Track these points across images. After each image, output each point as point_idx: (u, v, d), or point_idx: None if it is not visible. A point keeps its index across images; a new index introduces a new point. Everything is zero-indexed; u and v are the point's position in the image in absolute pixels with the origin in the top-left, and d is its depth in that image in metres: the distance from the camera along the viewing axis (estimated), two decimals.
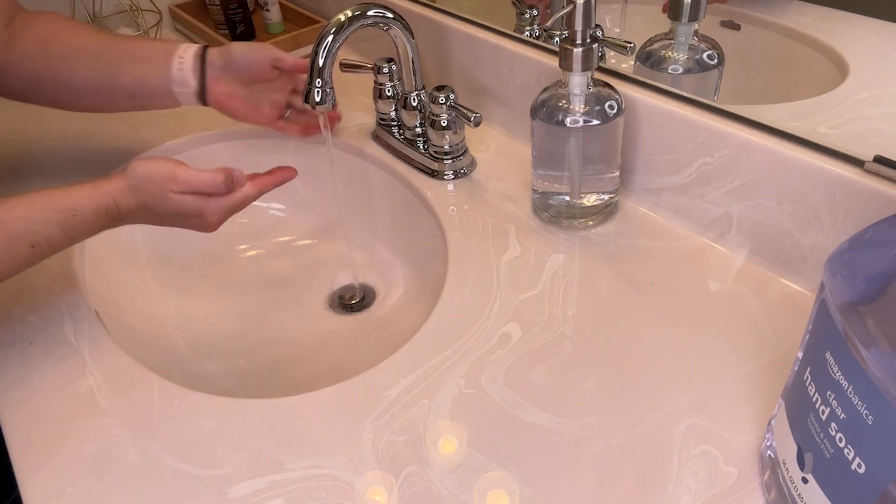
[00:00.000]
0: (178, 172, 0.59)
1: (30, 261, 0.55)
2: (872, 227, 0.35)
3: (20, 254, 0.54)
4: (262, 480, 0.48)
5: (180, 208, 0.60)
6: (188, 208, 0.60)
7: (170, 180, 0.58)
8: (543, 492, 0.46)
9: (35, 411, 0.55)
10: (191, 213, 0.60)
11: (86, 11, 1.10)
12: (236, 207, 0.64)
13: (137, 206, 0.58)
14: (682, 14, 0.61)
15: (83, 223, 0.56)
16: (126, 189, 0.58)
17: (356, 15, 0.65)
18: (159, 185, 0.58)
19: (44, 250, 0.55)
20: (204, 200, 0.61)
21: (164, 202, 0.59)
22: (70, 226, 0.56)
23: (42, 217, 0.54)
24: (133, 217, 0.60)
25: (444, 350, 0.56)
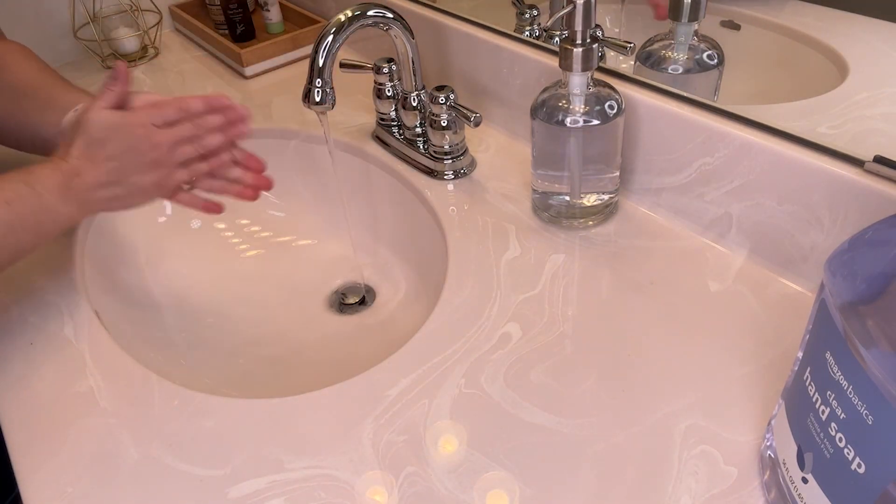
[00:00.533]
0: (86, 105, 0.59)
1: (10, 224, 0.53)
2: (872, 227, 0.35)
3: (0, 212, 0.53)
4: (262, 480, 0.48)
5: (100, 121, 0.57)
6: (107, 120, 0.57)
7: (81, 110, 0.58)
8: (543, 492, 0.46)
9: (35, 411, 0.55)
10: (112, 123, 0.57)
11: (86, 11, 1.10)
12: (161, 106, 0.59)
13: (79, 144, 0.57)
14: (682, 14, 0.61)
15: (42, 176, 0.55)
16: (62, 143, 0.58)
17: (356, 15, 0.65)
18: (77, 119, 0.58)
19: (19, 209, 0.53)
20: (122, 112, 0.58)
21: (85, 125, 0.57)
22: (31, 179, 0.55)
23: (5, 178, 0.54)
24: (80, 160, 0.57)
25: (444, 350, 0.56)
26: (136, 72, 1.09)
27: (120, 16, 1.13)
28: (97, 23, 1.11)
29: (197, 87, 1.03)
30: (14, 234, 0.54)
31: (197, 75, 1.07)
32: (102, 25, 1.12)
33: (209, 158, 0.62)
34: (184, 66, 1.10)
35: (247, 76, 1.03)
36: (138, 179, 0.58)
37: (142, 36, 1.12)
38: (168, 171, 0.59)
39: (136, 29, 1.12)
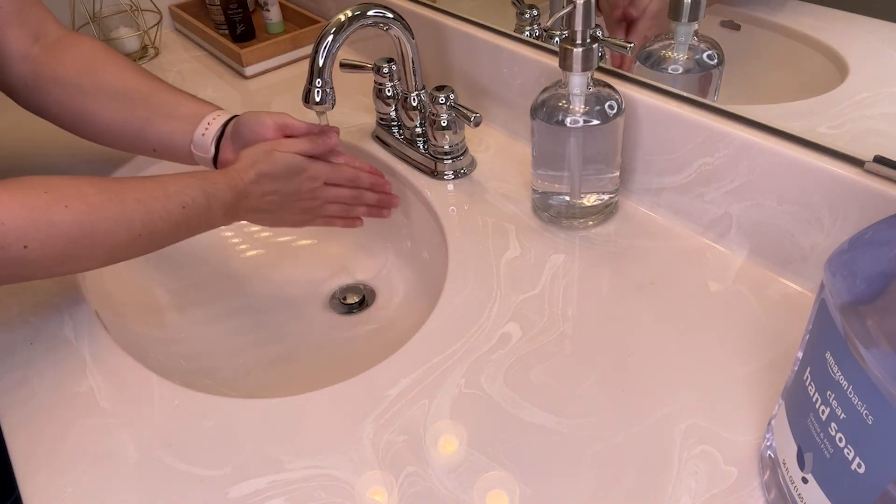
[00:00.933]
0: (280, 141, 0.66)
1: (179, 226, 0.58)
2: (872, 227, 0.35)
3: (174, 213, 0.57)
4: (262, 480, 0.48)
5: (287, 164, 0.64)
6: (293, 165, 0.65)
7: (275, 145, 0.65)
8: (543, 492, 0.46)
9: (35, 411, 0.55)
10: (295, 169, 0.65)
11: (86, 11, 1.10)
12: (338, 175, 0.68)
13: (258, 172, 0.63)
14: (682, 14, 0.61)
15: (220, 191, 0.61)
16: (244, 163, 0.64)
17: (356, 15, 0.65)
18: (267, 150, 0.65)
19: (190, 214, 0.59)
20: (307, 160, 0.66)
21: (273, 160, 0.64)
22: (211, 192, 0.60)
23: (189, 180, 0.60)
24: (253, 189, 0.63)
25: (444, 350, 0.56)
26: None
27: (120, 16, 1.13)
28: (97, 23, 1.11)
29: (197, 87, 1.03)
30: (178, 231, 0.59)
31: (197, 75, 1.07)
32: (102, 25, 1.12)
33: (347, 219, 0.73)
34: (184, 65, 1.10)
35: (247, 76, 1.03)
36: (286, 217, 0.67)
37: (142, 36, 1.12)
38: (310, 218, 0.69)
39: (136, 29, 1.12)
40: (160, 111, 0.69)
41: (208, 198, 0.60)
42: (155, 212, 0.57)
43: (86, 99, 0.69)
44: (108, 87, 0.70)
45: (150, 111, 0.69)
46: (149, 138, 0.70)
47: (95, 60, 0.71)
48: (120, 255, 0.57)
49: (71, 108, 0.70)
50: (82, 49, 0.71)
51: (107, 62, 0.71)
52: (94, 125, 0.70)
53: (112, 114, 0.69)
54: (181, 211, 0.58)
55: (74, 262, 0.55)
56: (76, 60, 0.70)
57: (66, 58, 0.70)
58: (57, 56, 0.70)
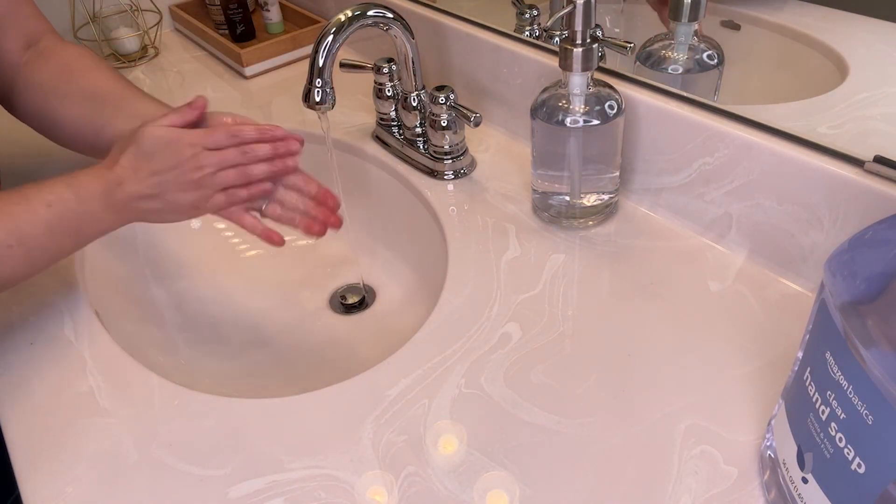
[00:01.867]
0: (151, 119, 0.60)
1: (51, 226, 0.55)
2: (872, 227, 0.35)
3: (39, 213, 0.54)
4: (262, 480, 0.48)
5: (155, 135, 0.58)
6: (162, 135, 0.58)
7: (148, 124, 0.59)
8: (543, 492, 0.46)
9: (35, 411, 0.55)
10: (166, 139, 0.58)
11: (86, 11, 1.10)
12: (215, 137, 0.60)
13: (128, 155, 0.58)
14: (682, 14, 0.61)
15: (86, 181, 0.57)
16: (112, 152, 0.59)
17: (356, 15, 0.65)
18: (134, 128, 0.59)
19: (60, 212, 0.55)
20: (177, 130, 0.59)
21: (140, 136, 0.58)
22: (75, 184, 0.56)
23: (48, 182, 0.56)
24: (125, 170, 0.58)
25: (444, 350, 0.56)
26: (136, 72, 1.09)
27: (120, 16, 1.13)
28: (97, 23, 1.11)
29: (197, 87, 1.03)
30: (54, 236, 0.55)
31: (197, 75, 1.07)
32: (102, 25, 1.12)
33: (251, 186, 0.63)
34: (184, 66, 1.10)
35: (247, 76, 1.03)
36: (177, 197, 0.59)
37: (142, 36, 1.12)
38: (207, 194, 0.60)
39: (136, 29, 1.12)
40: (123, 112, 0.68)
41: (75, 191, 0.56)
42: (18, 216, 0.53)
43: (59, 101, 0.69)
44: (81, 89, 0.69)
45: (113, 112, 0.68)
46: (105, 137, 0.68)
47: (75, 65, 0.71)
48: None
49: (45, 111, 0.70)
50: (66, 55, 0.71)
51: (86, 67, 0.71)
52: (62, 126, 0.70)
53: (78, 114, 0.69)
54: (47, 210, 0.54)
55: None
56: (57, 66, 0.70)
57: (49, 64, 0.70)
58: (41, 63, 0.70)
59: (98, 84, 0.70)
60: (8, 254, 0.53)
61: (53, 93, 0.69)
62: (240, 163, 0.61)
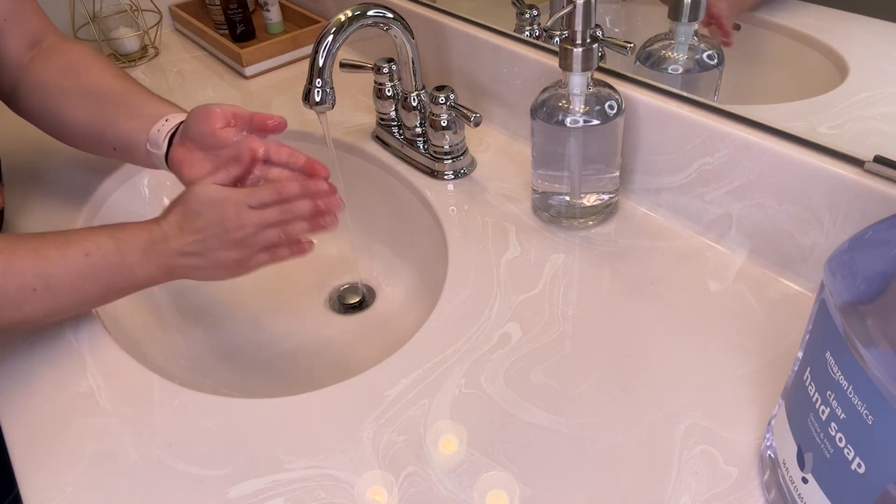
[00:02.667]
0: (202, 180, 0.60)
1: (84, 276, 0.54)
2: (872, 227, 0.35)
3: (74, 261, 0.53)
4: (262, 480, 0.48)
5: (202, 195, 0.58)
6: (210, 194, 0.58)
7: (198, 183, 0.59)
8: (543, 492, 0.46)
9: (35, 411, 0.55)
10: (212, 197, 0.58)
11: (86, 11, 1.10)
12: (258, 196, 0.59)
13: (176, 212, 0.59)
14: (682, 14, 0.61)
15: (130, 234, 0.56)
16: (167, 208, 0.60)
17: (356, 15, 0.65)
18: (189, 187, 0.59)
19: (97, 262, 0.54)
20: (224, 188, 0.59)
21: (188, 194, 0.59)
22: (118, 235, 0.56)
23: (94, 231, 0.56)
24: (171, 226, 0.58)
25: (444, 350, 0.56)
26: (136, 72, 1.09)
27: (120, 16, 1.13)
28: (97, 23, 1.11)
29: (197, 87, 1.03)
30: (84, 286, 0.54)
31: (197, 75, 1.07)
32: (102, 25, 1.12)
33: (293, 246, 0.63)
34: (184, 65, 1.10)
35: (247, 76, 1.03)
36: (220, 255, 0.59)
37: (142, 36, 1.12)
38: (250, 253, 0.60)
39: (136, 29, 1.12)
40: (126, 111, 0.68)
41: (117, 243, 0.55)
42: (51, 260, 0.52)
43: (63, 100, 0.69)
44: (85, 88, 0.69)
45: (117, 110, 0.68)
46: (109, 137, 0.68)
47: (79, 64, 0.71)
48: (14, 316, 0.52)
49: (49, 110, 0.70)
50: (70, 54, 0.72)
51: (90, 65, 0.71)
52: (67, 125, 0.70)
53: (83, 113, 0.69)
54: (84, 259, 0.54)
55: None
56: (60, 64, 0.71)
57: (52, 62, 0.71)
58: (44, 61, 0.71)
59: (102, 82, 0.70)
60: (31, 296, 0.52)
61: (57, 91, 0.69)
62: (282, 220, 0.60)
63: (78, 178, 0.82)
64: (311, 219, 0.62)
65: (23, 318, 0.53)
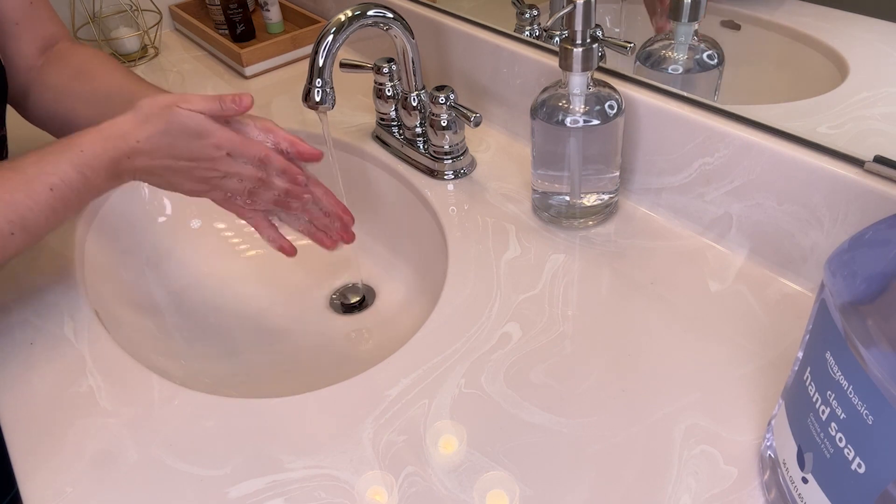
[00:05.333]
0: (183, 96, 0.58)
1: (54, 209, 0.54)
2: (872, 227, 0.35)
3: (42, 198, 0.53)
4: (262, 480, 0.48)
5: (187, 123, 0.57)
6: (194, 125, 0.57)
7: (176, 99, 0.58)
8: (543, 492, 0.46)
9: (35, 411, 0.55)
10: (197, 131, 0.57)
11: (86, 11, 1.10)
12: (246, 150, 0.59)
13: (150, 130, 0.56)
14: (682, 14, 0.61)
15: (93, 157, 0.55)
16: (132, 118, 0.57)
17: (356, 15, 0.65)
18: (166, 104, 0.57)
19: (64, 193, 0.54)
20: (212, 123, 0.58)
21: (170, 116, 0.57)
22: (81, 162, 0.54)
23: (51, 157, 0.54)
24: (143, 147, 0.56)
25: (444, 350, 0.56)
26: (136, 72, 1.09)
27: (120, 16, 1.13)
28: (97, 23, 1.11)
29: (197, 87, 1.03)
30: (56, 216, 0.54)
31: (197, 75, 1.07)
32: (102, 25, 1.12)
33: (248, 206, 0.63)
34: (184, 65, 1.10)
35: (247, 76, 1.03)
36: (179, 182, 0.59)
37: (142, 36, 1.12)
38: (207, 188, 0.60)
39: (136, 29, 1.12)
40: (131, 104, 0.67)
41: (80, 170, 0.54)
42: (20, 204, 0.52)
43: (75, 103, 0.69)
44: (98, 91, 0.69)
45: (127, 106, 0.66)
46: None
47: (90, 67, 0.71)
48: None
49: (59, 112, 0.70)
50: (79, 57, 0.72)
51: (101, 68, 0.71)
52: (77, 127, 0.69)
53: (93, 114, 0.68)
54: (50, 194, 0.53)
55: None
56: (72, 68, 0.71)
57: (64, 66, 0.71)
58: (56, 65, 0.71)
59: (112, 83, 0.70)
60: (11, 241, 0.53)
61: (68, 93, 0.70)
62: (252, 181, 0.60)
63: None
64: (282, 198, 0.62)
65: (4, 259, 0.54)
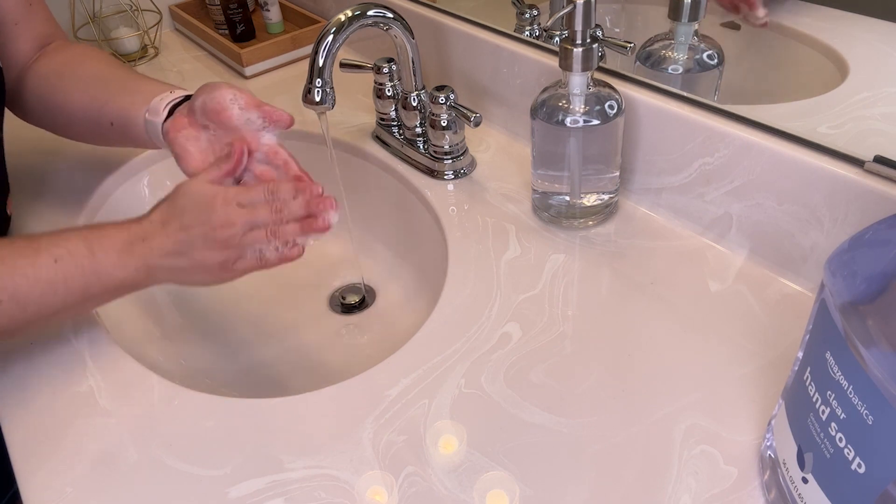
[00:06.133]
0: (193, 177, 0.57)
1: (53, 284, 0.51)
2: (872, 227, 0.35)
3: (43, 270, 0.50)
4: (262, 480, 0.48)
5: (191, 190, 0.55)
6: (198, 191, 0.55)
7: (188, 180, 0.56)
8: (543, 492, 0.46)
9: (35, 411, 0.55)
10: (201, 193, 0.55)
11: (86, 11, 1.10)
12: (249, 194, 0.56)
13: (160, 209, 0.56)
14: (682, 14, 0.61)
15: (106, 237, 0.53)
16: (153, 207, 0.57)
17: (356, 15, 0.65)
18: (178, 185, 0.56)
19: (68, 269, 0.51)
20: (215, 186, 0.56)
21: (175, 190, 0.56)
22: (93, 238, 0.52)
23: (67, 234, 0.53)
24: (154, 220, 0.55)
25: (444, 350, 0.56)
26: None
27: (120, 16, 1.13)
28: (97, 23, 1.11)
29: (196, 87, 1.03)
30: (55, 294, 0.51)
31: (197, 75, 1.07)
32: (102, 25, 1.12)
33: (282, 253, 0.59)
34: (184, 65, 1.10)
35: (247, 76, 1.03)
36: (204, 256, 0.55)
37: (142, 36, 1.12)
38: (236, 255, 0.55)
39: (136, 29, 1.12)
40: (127, 87, 0.67)
41: (89, 245, 0.52)
42: (18, 269, 0.49)
43: (63, 86, 0.69)
44: (85, 75, 0.70)
45: (117, 88, 0.67)
46: (108, 112, 0.67)
47: (81, 57, 0.72)
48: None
49: (48, 98, 0.70)
50: (73, 50, 0.73)
51: (91, 58, 0.72)
52: (65, 110, 0.69)
53: (82, 96, 0.68)
54: (53, 266, 0.50)
55: None
56: (62, 58, 0.71)
57: (55, 57, 0.71)
58: (47, 57, 0.72)
59: (101, 69, 0.70)
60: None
61: (57, 79, 0.70)
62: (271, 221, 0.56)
63: (77, 178, 0.82)
64: (303, 221, 0.58)
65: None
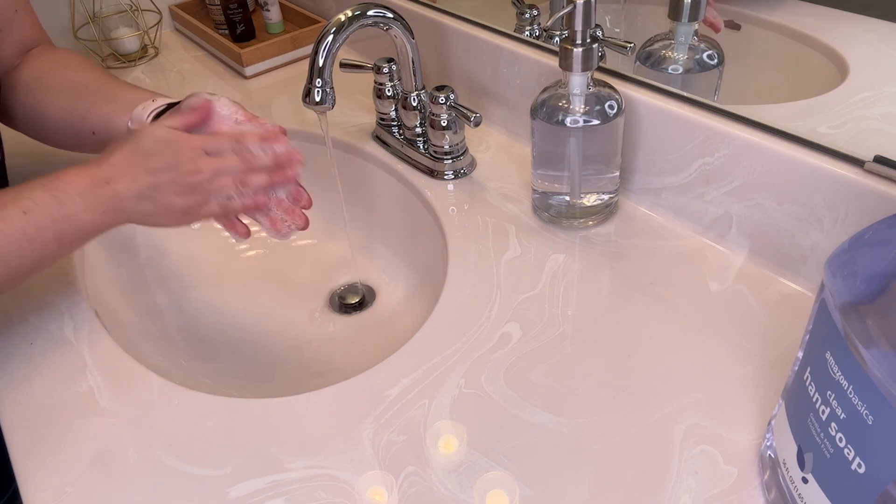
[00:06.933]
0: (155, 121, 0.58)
1: (28, 235, 0.51)
2: (872, 227, 0.35)
3: (15, 222, 0.51)
4: (262, 480, 0.48)
5: (156, 135, 0.56)
6: (163, 136, 0.56)
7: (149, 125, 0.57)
8: (543, 492, 0.46)
9: (35, 411, 0.55)
10: (167, 138, 0.56)
11: (86, 11, 1.10)
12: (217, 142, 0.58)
13: (123, 152, 0.56)
14: (682, 14, 0.61)
15: (66, 182, 0.53)
16: (106, 150, 0.57)
17: (356, 15, 0.65)
18: (139, 129, 0.57)
19: (38, 218, 0.51)
20: (178, 132, 0.57)
21: (137, 134, 0.56)
22: (55, 186, 0.53)
23: (26, 186, 0.53)
24: (117, 166, 0.55)
25: (444, 350, 0.56)
26: (136, 72, 1.09)
27: (120, 16, 1.13)
28: (97, 23, 1.11)
29: (197, 87, 1.03)
30: (32, 245, 0.52)
31: (197, 75, 1.07)
32: (102, 25, 1.12)
33: (246, 198, 0.60)
34: (184, 65, 1.10)
35: (247, 76, 1.03)
36: (171, 200, 0.56)
37: (142, 36, 1.12)
38: (201, 200, 0.57)
39: (136, 29, 1.12)
40: (108, 96, 0.67)
41: (53, 193, 0.52)
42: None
43: (44, 93, 0.69)
44: (66, 81, 0.69)
45: (98, 96, 0.67)
46: (90, 121, 0.66)
47: (62, 62, 0.71)
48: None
49: (30, 104, 0.69)
50: (54, 56, 0.72)
51: (72, 63, 0.71)
52: (46, 117, 0.69)
53: (63, 103, 0.68)
54: (22, 218, 0.51)
55: None
56: (43, 63, 0.71)
57: (36, 62, 0.71)
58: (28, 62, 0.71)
59: (82, 75, 0.70)
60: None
61: (38, 85, 0.69)
62: (239, 169, 0.58)
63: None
64: (272, 172, 0.60)
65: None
